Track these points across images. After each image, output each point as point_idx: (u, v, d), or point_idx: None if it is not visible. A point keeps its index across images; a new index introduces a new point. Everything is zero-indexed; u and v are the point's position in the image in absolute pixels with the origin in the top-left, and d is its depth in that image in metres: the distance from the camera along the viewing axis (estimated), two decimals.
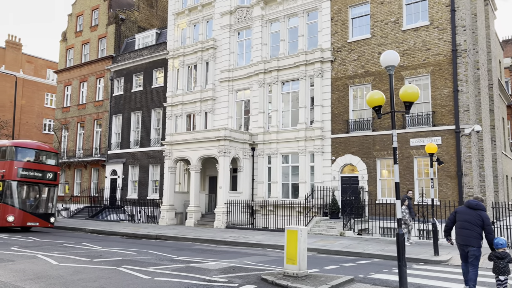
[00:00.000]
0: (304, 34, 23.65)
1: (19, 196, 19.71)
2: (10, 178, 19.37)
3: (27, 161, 20.23)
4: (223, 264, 10.80)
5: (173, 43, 29.75)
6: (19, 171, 19.67)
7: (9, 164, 19.58)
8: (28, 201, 20.16)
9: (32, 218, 19.86)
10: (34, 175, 20.20)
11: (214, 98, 26.88)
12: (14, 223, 19.17)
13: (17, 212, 19.36)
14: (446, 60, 18.93)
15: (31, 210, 19.99)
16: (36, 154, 20.70)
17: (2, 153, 20.12)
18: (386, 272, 10.12)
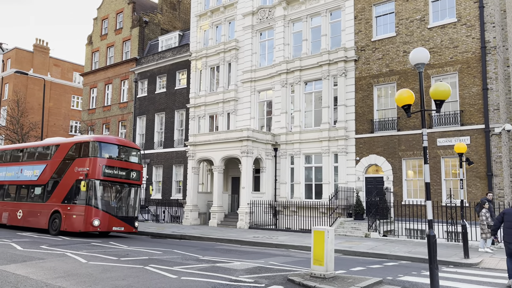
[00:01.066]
0: (327, 33, 23.45)
1: (104, 198, 17.56)
2: (94, 177, 17.15)
3: (110, 158, 17.99)
4: (248, 265, 10.78)
5: (195, 45, 30.00)
6: (104, 169, 17.45)
7: (93, 161, 17.36)
8: (113, 203, 18.00)
9: (117, 222, 17.69)
10: (119, 174, 18.06)
11: (237, 99, 26.95)
12: (100, 228, 17.06)
13: (102, 215, 17.18)
14: (474, 57, 18.43)
15: (116, 213, 17.83)
16: (119, 151, 18.60)
17: (84, 149, 17.96)
18: (415, 275, 9.90)
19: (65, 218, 17.50)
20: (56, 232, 17.75)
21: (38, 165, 19.71)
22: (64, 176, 18.11)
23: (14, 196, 20.75)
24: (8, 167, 21.52)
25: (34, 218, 18.96)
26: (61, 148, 18.93)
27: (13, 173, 21.05)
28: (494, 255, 13.54)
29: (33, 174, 19.75)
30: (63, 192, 17.92)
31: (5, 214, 20.74)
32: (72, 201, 17.47)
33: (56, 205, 18.05)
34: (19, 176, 20.51)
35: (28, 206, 19.58)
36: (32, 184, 19.72)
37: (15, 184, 20.78)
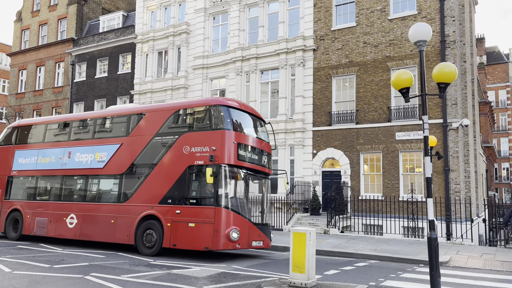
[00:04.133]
0: (285, 20, 22.38)
1: (238, 195, 11.65)
2: (224, 161, 10.94)
3: (241, 132, 11.78)
4: (209, 270, 9.38)
5: (141, 27, 27.67)
6: (238, 150, 11.35)
7: (221, 136, 11.15)
8: (247, 203, 11.94)
9: (257, 233, 11.57)
10: (252, 158, 11.89)
11: (187, 87, 25.16)
12: (240, 244, 10.89)
13: (241, 222, 11.04)
14: (434, 51, 18.27)
15: (254, 220, 11.87)
16: (252, 122, 12.64)
17: (199, 118, 12.02)
18: (394, 278, 9.07)
19: (172, 228, 11.15)
20: (154, 249, 11.41)
21: (105, 145, 13.20)
22: (162, 161, 11.82)
23: (57, 194, 14.19)
24: (43, 150, 14.87)
25: (102, 227, 12.61)
26: (149, 119, 12.68)
27: (53, 158, 14.42)
28: (460, 251, 13.26)
29: (95, 159, 13.32)
30: (163, 186, 11.61)
31: (42, 221, 14.07)
32: (184, 201, 11.19)
33: (147, 207, 11.75)
34: (66, 162, 13.99)
35: (88, 208, 13.19)
36: (93, 174, 13.38)
37: (58, 175, 14.23)
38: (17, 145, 15.75)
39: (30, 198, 14.84)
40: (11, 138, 16.14)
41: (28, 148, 15.42)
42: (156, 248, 11.38)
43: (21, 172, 15.27)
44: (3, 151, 16.11)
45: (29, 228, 14.30)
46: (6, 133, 16.50)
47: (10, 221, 14.98)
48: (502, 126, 58.76)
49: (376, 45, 19.58)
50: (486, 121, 38.94)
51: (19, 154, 15.49)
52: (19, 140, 15.86)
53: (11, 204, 15.10)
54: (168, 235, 11.19)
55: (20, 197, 15.11)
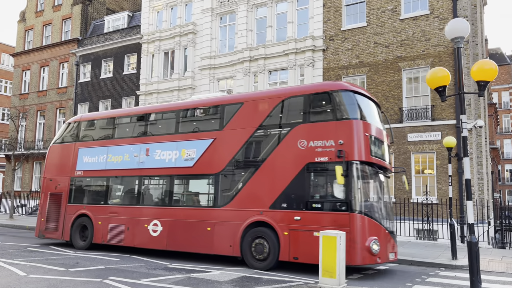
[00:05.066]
0: (293, 20, 22.17)
1: (371, 197, 10.04)
2: (354, 157, 9.21)
3: (370, 123, 9.92)
4: (230, 274, 9.14)
5: (147, 27, 27.45)
6: (370, 144, 9.61)
7: (348, 128, 9.44)
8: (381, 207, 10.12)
9: (391, 243, 9.94)
10: (380, 153, 10.21)
11: (194, 87, 24.93)
12: (380, 258, 9.16)
13: (378, 231, 9.36)
14: (447, 51, 18.06)
15: (388, 228, 10.03)
16: (377, 110, 10.83)
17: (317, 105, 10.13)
18: (420, 282, 8.82)
19: (290, 237, 9.42)
20: (268, 263, 9.64)
21: (193, 140, 11.46)
22: (270, 158, 10.11)
23: (135, 197, 12.50)
24: (113, 147, 13.10)
25: (195, 236, 10.88)
26: (250, 108, 10.85)
27: (127, 156, 12.66)
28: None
29: (181, 156, 11.53)
30: (274, 187, 9.89)
31: (117, 229, 12.40)
32: (305, 205, 9.41)
33: (254, 212, 10.01)
34: (143, 161, 12.26)
35: (175, 214, 11.42)
36: (180, 174, 11.63)
37: (135, 175, 12.49)
38: (81, 142, 13.99)
39: (101, 201, 13.06)
40: (72, 134, 14.35)
41: (95, 146, 13.57)
42: (271, 261, 9.59)
43: (87, 173, 13.50)
44: (63, 149, 14.31)
45: (101, 236, 12.61)
46: (65, 129, 14.69)
47: (76, 228, 13.23)
48: (505, 127, 58.66)
49: (387, 45, 19.38)
50: (491, 122, 38.78)
51: (83, 152, 13.70)
52: (83, 137, 14.11)
53: (77, 209, 13.32)
54: (286, 246, 9.41)
55: (88, 200, 13.37)
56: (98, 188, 13.41)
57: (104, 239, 12.59)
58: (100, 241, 12.71)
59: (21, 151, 30.48)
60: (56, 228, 13.67)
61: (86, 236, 13.09)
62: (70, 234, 13.32)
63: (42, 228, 14.07)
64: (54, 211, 13.84)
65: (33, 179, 32.20)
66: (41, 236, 14.07)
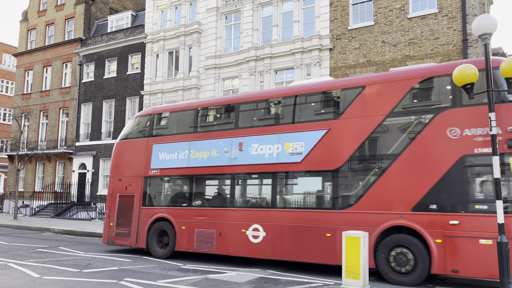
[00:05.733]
0: (299, 19, 22.05)
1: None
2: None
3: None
4: (247, 275, 9.02)
5: (151, 26, 27.31)
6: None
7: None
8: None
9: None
10: None
11: (199, 87, 24.80)
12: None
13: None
14: (456, 50, 17.96)
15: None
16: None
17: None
18: (448, 284, 8.71)
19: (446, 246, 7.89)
20: (415, 277, 8.05)
21: (300, 132, 9.84)
22: (407, 150, 8.56)
23: (226, 198, 10.97)
24: (196, 142, 11.58)
25: (311, 243, 9.30)
26: (374, 93, 9.36)
27: (214, 151, 11.15)
28: None
29: (284, 151, 9.97)
30: (416, 185, 8.33)
31: (206, 234, 10.85)
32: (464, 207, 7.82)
33: (391, 215, 8.46)
34: (236, 156, 10.70)
35: (282, 217, 9.81)
36: (285, 171, 10.05)
37: (226, 173, 10.97)
38: (155, 137, 12.47)
39: (183, 203, 11.64)
40: (143, 129, 12.89)
41: (173, 141, 12.02)
42: (420, 275, 7.97)
43: (165, 171, 11.96)
44: (133, 146, 12.81)
45: (185, 242, 11.04)
46: (134, 123, 13.24)
47: (153, 234, 11.72)
48: None
49: (395, 44, 19.27)
50: None
51: (159, 149, 12.14)
52: (157, 131, 12.64)
53: (154, 212, 11.83)
54: (441, 256, 7.84)
55: (167, 202, 11.92)
56: (179, 188, 12.06)
57: (190, 246, 10.94)
58: (184, 248, 11.10)
59: (25, 151, 30.34)
60: (129, 234, 12.08)
61: (165, 243, 11.53)
62: (146, 240, 11.74)
63: (111, 233, 12.49)
64: (125, 215, 12.27)
65: (36, 180, 32.05)
66: (111, 242, 12.52)
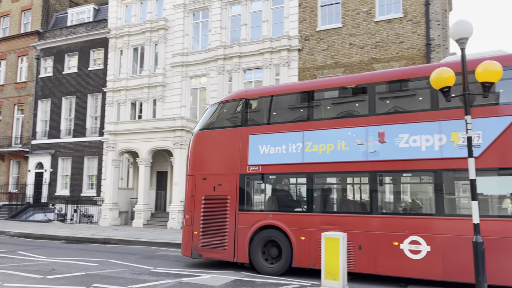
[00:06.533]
0: (268, 19, 22.03)
1: None
2: None
3: None
4: (222, 278, 8.83)
5: (115, 21, 26.41)
6: None
7: None
8: None
9: None
10: None
11: (165, 85, 24.24)
12: None
13: None
14: (419, 54, 18.56)
15: None
16: None
17: None
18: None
19: None
20: None
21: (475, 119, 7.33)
22: None
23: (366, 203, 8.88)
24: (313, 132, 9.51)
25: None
26: None
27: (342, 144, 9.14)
28: None
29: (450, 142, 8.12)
30: None
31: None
32: None
33: None
34: (377, 150, 8.77)
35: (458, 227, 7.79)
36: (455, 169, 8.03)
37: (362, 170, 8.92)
38: (252, 127, 10.29)
39: (300, 208, 9.61)
40: (234, 116, 10.70)
41: (279, 131, 9.91)
42: None
43: (269, 168, 9.87)
44: (220, 137, 10.67)
45: (307, 256, 8.95)
46: (219, 109, 10.99)
47: (258, 245, 9.58)
48: None
49: (362, 47, 19.66)
50: None
51: (258, 140, 10.05)
52: (254, 119, 10.48)
53: (257, 218, 9.75)
54: None
55: (276, 206, 9.81)
56: (291, 189, 10.07)
57: (315, 262, 8.76)
58: (306, 263, 8.98)
59: None
60: (223, 245, 9.93)
61: (273, 256, 9.50)
62: (248, 253, 9.64)
63: (196, 244, 10.27)
64: (216, 222, 10.15)
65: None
66: (196, 255, 10.28)
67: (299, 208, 9.56)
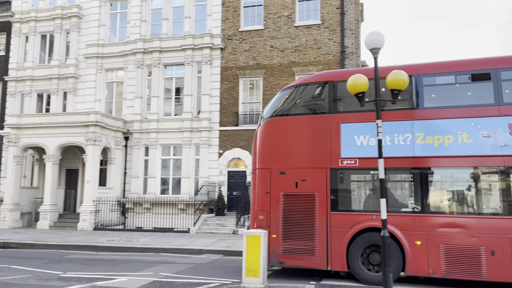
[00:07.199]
0: (191, 16, 21.71)
1: None
2: None
3: None
4: (139, 280, 8.50)
5: (20, 4, 24.12)
6: None
7: None
8: None
9: None
10: None
11: (77, 76, 22.70)
12: None
13: None
14: (335, 60, 19.63)
15: None
16: None
17: None
18: (334, 276, 9.38)
19: None
20: None
21: None
22: None
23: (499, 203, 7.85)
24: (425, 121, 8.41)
25: None
26: None
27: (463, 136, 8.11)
28: None
29: None
30: None
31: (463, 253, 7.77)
32: None
33: None
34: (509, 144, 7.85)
35: None
36: None
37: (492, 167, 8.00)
38: (343, 114, 8.99)
39: (413, 208, 8.43)
40: (317, 102, 9.42)
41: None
42: None
43: (369, 162, 8.43)
44: (302, 124, 9.27)
45: (425, 264, 7.92)
46: (297, 94, 9.56)
47: (357, 250, 8.36)
48: None
49: (283, 50, 20.27)
50: None
51: (353, 130, 8.77)
52: (345, 105, 9.13)
53: (356, 220, 8.49)
54: None
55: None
56: (400, 187, 8.88)
57: (435, 270, 7.83)
58: (424, 272, 7.95)
59: None
60: (312, 251, 8.60)
61: (376, 263, 8.29)
62: (346, 260, 8.41)
63: (276, 249, 8.79)
64: (301, 223, 8.76)
65: None
66: (276, 263, 8.90)
67: (412, 209, 8.44)
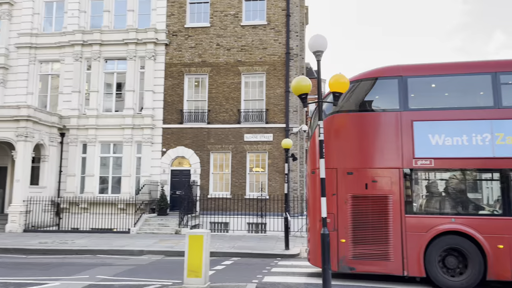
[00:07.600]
0: (134, 9, 20.98)
1: None
2: None
3: None
4: (73, 284, 8.06)
5: None
6: None
7: None
8: None
9: None
10: None
11: (7, 67, 21.12)
12: None
13: None
14: (280, 61, 19.88)
15: None
16: None
17: None
18: (268, 273, 9.47)
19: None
20: None
21: None
22: None
23: None
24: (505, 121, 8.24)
25: None
26: None
27: None
28: (304, 244, 14.72)
29: None
30: None
31: None
32: None
33: None
34: None
35: None
36: None
37: None
38: (416, 111, 8.66)
39: (495, 211, 8.32)
40: (386, 97, 9.09)
41: (456, 118, 8.47)
42: None
43: (446, 162, 8.41)
44: (369, 121, 8.93)
45: (507, 268, 7.86)
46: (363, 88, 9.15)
47: (436, 255, 8.13)
48: None
49: (229, 49, 20.20)
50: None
51: (427, 128, 8.49)
52: (418, 102, 8.81)
53: (434, 223, 8.26)
54: None
55: (460, 209, 8.43)
56: (480, 189, 8.72)
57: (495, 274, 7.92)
58: (507, 276, 7.90)
59: None
60: (387, 256, 8.30)
61: (453, 267, 8.10)
62: (424, 265, 8.15)
63: (345, 255, 8.50)
64: (372, 227, 8.43)
65: None
66: (346, 269, 8.50)
67: (493, 211, 8.39)
